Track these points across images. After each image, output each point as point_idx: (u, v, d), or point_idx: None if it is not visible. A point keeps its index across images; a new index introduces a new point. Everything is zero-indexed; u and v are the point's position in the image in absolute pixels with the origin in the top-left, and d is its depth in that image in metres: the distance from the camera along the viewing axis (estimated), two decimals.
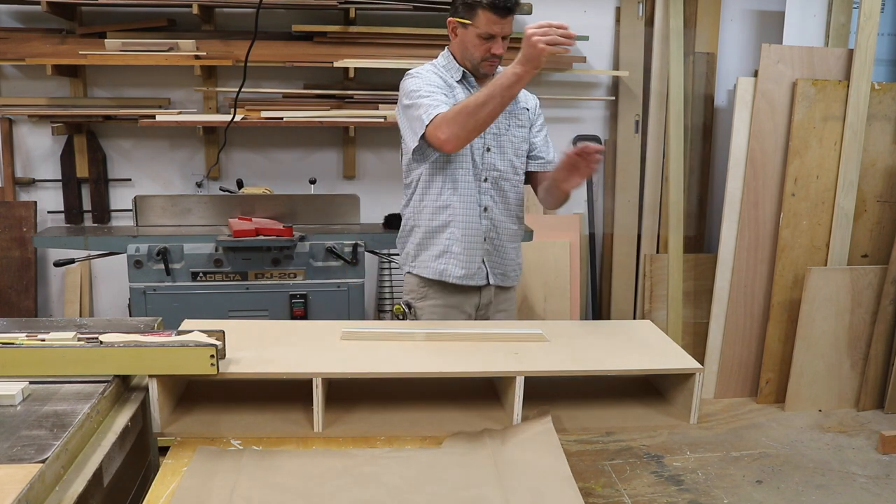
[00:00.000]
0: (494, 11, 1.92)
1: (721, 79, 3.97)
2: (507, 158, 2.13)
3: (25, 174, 3.64)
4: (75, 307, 3.66)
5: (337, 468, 1.32)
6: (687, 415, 1.61)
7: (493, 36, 1.96)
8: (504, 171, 2.13)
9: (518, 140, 2.15)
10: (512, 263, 2.24)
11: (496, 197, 2.14)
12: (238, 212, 3.14)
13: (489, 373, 1.56)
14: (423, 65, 2.10)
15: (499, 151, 2.12)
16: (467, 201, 2.10)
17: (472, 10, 1.94)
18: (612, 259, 4.01)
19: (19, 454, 1.11)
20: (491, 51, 1.99)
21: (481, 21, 1.94)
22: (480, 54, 2.00)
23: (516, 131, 2.14)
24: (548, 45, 1.69)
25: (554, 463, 1.33)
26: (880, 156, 3.65)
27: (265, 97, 3.58)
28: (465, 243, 2.12)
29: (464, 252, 2.12)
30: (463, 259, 2.12)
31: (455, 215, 2.10)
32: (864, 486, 2.91)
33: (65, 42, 3.41)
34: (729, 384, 3.77)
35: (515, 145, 2.14)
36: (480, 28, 1.94)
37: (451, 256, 2.13)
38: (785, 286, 3.62)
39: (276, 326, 1.77)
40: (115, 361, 1.36)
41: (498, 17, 1.93)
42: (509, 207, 2.18)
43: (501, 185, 2.14)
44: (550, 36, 1.69)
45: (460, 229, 2.11)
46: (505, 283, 2.23)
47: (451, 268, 2.13)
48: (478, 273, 2.15)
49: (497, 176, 2.13)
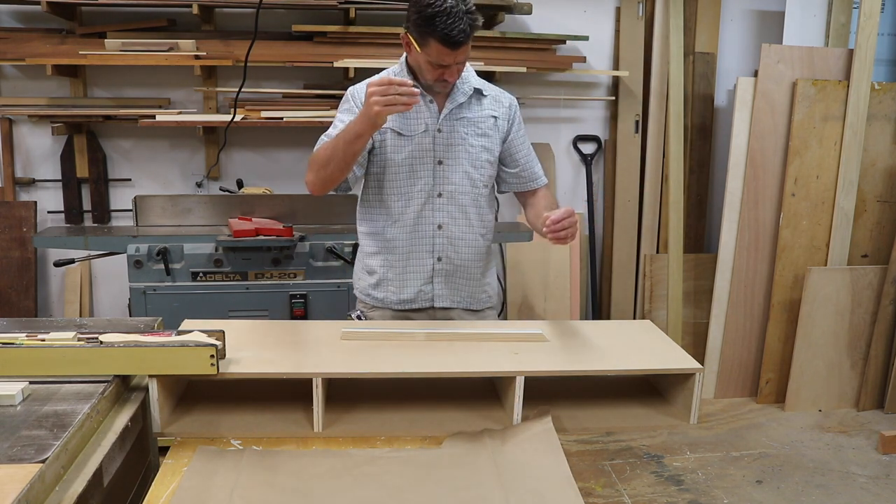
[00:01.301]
0: (445, 45, 1.76)
1: (721, 79, 3.97)
2: (463, 170, 1.96)
3: (25, 174, 3.64)
4: (75, 307, 3.66)
5: (337, 468, 1.32)
6: (687, 415, 1.61)
7: (446, 65, 1.83)
8: (459, 184, 1.97)
9: (477, 150, 1.97)
10: (478, 284, 2.08)
11: (454, 213, 1.98)
12: (238, 212, 3.14)
13: (489, 373, 1.56)
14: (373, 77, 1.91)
15: (452, 163, 1.96)
16: (416, 219, 1.97)
17: (424, 37, 1.78)
18: (612, 259, 4.01)
19: (19, 454, 1.11)
20: (444, 76, 1.85)
21: (432, 51, 1.79)
22: (433, 77, 1.86)
23: (475, 140, 1.97)
24: (385, 105, 1.65)
25: (554, 463, 1.33)
26: (880, 156, 3.65)
27: (265, 97, 3.58)
28: (404, 267, 2.00)
29: (398, 278, 2.01)
30: (397, 284, 2.01)
31: (395, 238, 1.98)
32: (864, 486, 2.91)
33: (65, 42, 3.41)
34: (729, 384, 3.77)
35: (473, 156, 1.97)
36: (431, 57, 1.80)
37: (389, 283, 2.02)
38: (785, 286, 3.63)
39: (276, 326, 1.77)
40: (115, 361, 1.36)
41: (449, 50, 1.77)
42: (471, 223, 2.01)
43: (459, 200, 1.98)
44: (388, 96, 1.64)
45: (401, 253, 1.99)
46: (473, 307, 2.08)
47: (389, 295, 2.03)
48: (418, 297, 2.02)
49: (452, 190, 1.97)
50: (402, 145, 1.94)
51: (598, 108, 3.98)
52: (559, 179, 4.00)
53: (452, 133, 1.95)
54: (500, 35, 3.60)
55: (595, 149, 4.01)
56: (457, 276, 2.04)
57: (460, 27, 1.74)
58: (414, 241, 1.99)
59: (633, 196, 3.97)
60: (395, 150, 1.94)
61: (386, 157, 1.95)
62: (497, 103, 2.02)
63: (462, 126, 1.96)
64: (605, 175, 4.04)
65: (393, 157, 1.94)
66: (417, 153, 1.94)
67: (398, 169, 1.95)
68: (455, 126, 1.95)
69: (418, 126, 1.93)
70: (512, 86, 3.66)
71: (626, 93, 3.90)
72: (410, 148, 1.94)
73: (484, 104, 1.99)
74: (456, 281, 2.04)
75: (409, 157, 1.94)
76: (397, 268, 2.00)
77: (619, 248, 4.00)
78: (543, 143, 3.90)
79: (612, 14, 3.87)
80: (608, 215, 4.05)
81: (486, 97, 2.00)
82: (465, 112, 1.97)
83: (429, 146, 1.94)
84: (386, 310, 2.05)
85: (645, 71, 3.89)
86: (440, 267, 2.01)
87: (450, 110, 1.95)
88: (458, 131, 1.95)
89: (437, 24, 1.73)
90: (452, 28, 1.73)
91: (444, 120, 1.94)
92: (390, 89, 1.65)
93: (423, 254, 2.00)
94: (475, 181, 1.99)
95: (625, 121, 3.92)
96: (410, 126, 1.93)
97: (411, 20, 1.81)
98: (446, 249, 2.01)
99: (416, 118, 1.93)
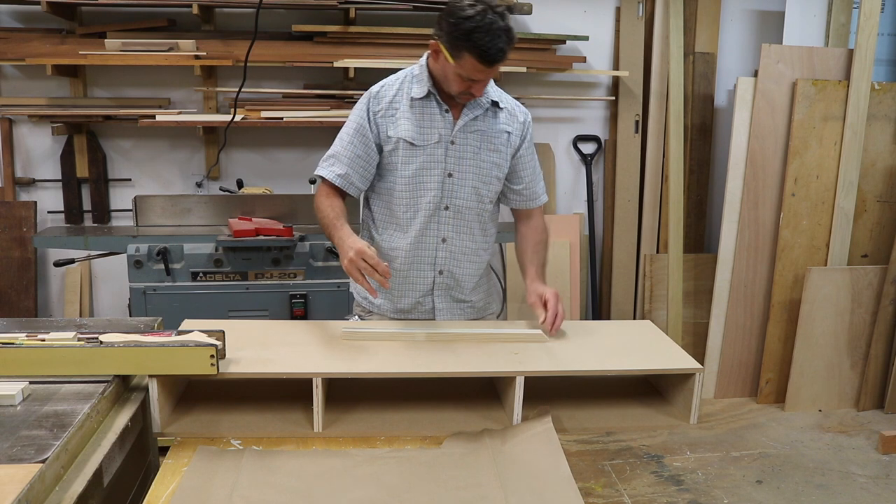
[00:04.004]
0: (481, 60, 1.71)
1: (721, 79, 3.97)
2: (472, 185, 1.92)
3: (25, 174, 3.64)
4: (75, 307, 3.66)
5: (337, 468, 1.32)
6: (687, 415, 1.61)
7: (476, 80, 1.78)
8: (467, 198, 1.93)
9: (487, 165, 1.92)
10: (481, 294, 2.08)
11: (459, 227, 1.95)
12: (238, 212, 3.14)
13: (489, 373, 1.56)
14: (392, 76, 1.93)
15: (461, 177, 1.91)
16: (421, 231, 1.93)
17: (458, 49, 1.72)
18: (612, 259, 4.01)
19: (19, 454, 1.11)
20: (470, 90, 1.79)
21: (465, 65, 1.72)
22: (458, 89, 1.80)
23: (487, 156, 1.92)
24: (354, 275, 1.68)
25: (554, 463, 1.33)
26: (880, 156, 3.65)
27: (265, 97, 3.58)
28: (405, 277, 1.97)
29: (396, 287, 1.97)
30: (395, 294, 1.99)
31: (398, 247, 1.95)
32: (864, 486, 2.91)
33: (65, 42, 3.41)
34: (729, 384, 3.76)
35: (483, 171, 1.92)
36: (463, 71, 1.74)
37: (386, 291, 1.97)
38: (785, 286, 3.62)
39: (276, 326, 1.77)
40: (115, 361, 1.36)
41: (484, 67, 1.72)
42: (474, 238, 1.99)
43: (465, 215, 1.94)
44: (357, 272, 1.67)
45: (402, 263, 1.95)
46: (473, 318, 2.07)
47: (386, 303, 2.01)
48: (415, 308, 2.00)
49: (460, 204, 1.93)
50: (414, 155, 1.88)
51: (598, 108, 3.98)
52: (559, 179, 4.00)
53: (465, 146, 1.90)
54: None
55: (595, 149, 4.01)
56: (456, 291, 2.02)
57: (499, 45, 1.70)
58: (417, 252, 1.95)
59: (633, 196, 3.96)
60: (406, 161, 1.88)
61: (396, 166, 1.89)
62: (512, 117, 1.97)
63: (475, 139, 1.91)
64: (605, 175, 4.04)
65: (403, 168, 1.89)
66: (428, 164, 1.89)
67: (408, 180, 1.89)
68: (469, 139, 1.90)
69: (431, 136, 1.88)
70: (512, 86, 3.67)
71: (626, 93, 3.90)
72: (422, 159, 1.88)
73: (499, 118, 1.94)
74: (455, 295, 2.02)
75: (419, 168, 1.89)
76: (397, 277, 1.96)
77: (619, 248, 4.00)
78: (543, 143, 3.90)
79: (612, 14, 3.87)
80: (608, 215, 4.05)
81: (501, 110, 1.94)
82: (480, 125, 1.91)
83: (440, 158, 1.89)
84: (383, 316, 2.03)
85: (645, 71, 3.89)
86: (441, 280, 1.98)
87: (465, 122, 1.89)
88: (471, 144, 1.90)
89: (475, 39, 1.68)
90: (491, 45, 1.69)
91: (458, 132, 1.89)
92: (367, 269, 1.66)
93: (425, 266, 1.97)
94: (482, 196, 1.95)
95: (625, 121, 3.92)
96: (424, 136, 1.87)
97: (445, 30, 1.74)
98: (448, 263, 1.97)
99: (430, 128, 1.88)
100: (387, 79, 1.94)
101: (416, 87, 1.88)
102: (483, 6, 1.70)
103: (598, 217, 4.08)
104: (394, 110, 1.88)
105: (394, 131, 1.87)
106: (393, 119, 1.88)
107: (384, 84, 1.92)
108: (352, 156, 1.88)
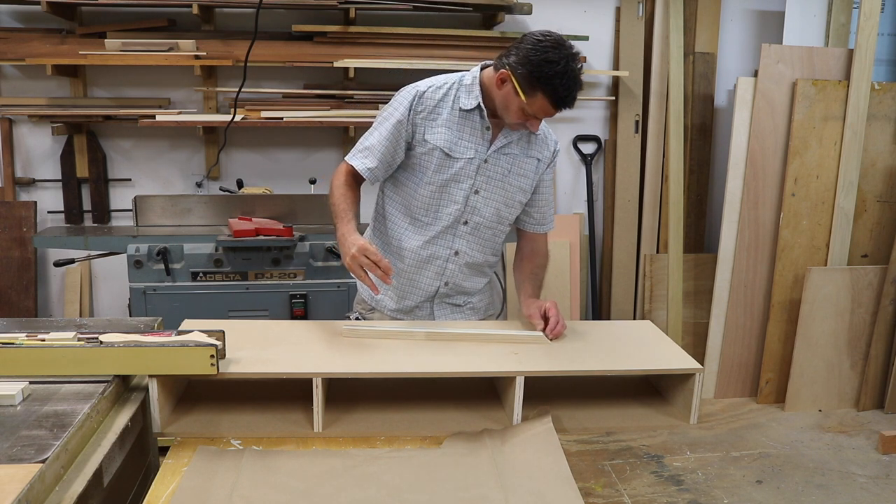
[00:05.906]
0: (554, 105, 1.73)
1: (721, 79, 3.97)
2: (495, 206, 1.93)
3: (25, 174, 3.64)
4: (75, 307, 3.66)
5: (337, 468, 1.32)
6: (687, 415, 1.61)
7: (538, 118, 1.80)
8: (488, 218, 1.94)
9: (513, 190, 1.93)
10: (481, 295, 2.10)
11: (473, 243, 1.96)
12: (238, 212, 3.14)
13: (489, 373, 1.56)
14: (439, 78, 1.90)
15: (487, 196, 1.91)
16: (435, 239, 1.93)
17: (533, 88, 1.71)
18: (612, 259, 4.01)
19: (19, 454, 1.11)
20: (527, 125, 1.81)
21: (536, 104, 1.73)
22: (516, 120, 1.80)
23: (515, 179, 1.92)
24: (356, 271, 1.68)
25: (554, 463, 1.33)
26: (880, 156, 3.64)
27: (265, 97, 3.58)
28: (410, 280, 1.98)
29: (400, 287, 1.99)
30: (398, 294, 2.00)
31: (410, 250, 1.94)
32: (864, 486, 2.90)
33: (65, 42, 3.41)
34: (729, 384, 3.76)
35: (509, 194, 1.93)
36: (530, 109, 1.75)
37: (389, 290, 1.99)
38: (785, 286, 3.62)
39: (276, 326, 1.77)
40: (115, 361, 1.36)
41: (554, 110, 1.75)
42: (485, 255, 2.01)
43: (482, 233, 1.96)
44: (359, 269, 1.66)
45: (410, 266, 1.96)
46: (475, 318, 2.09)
47: (387, 301, 2.02)
48: (415, 311, 2.01)
49: (479, 222, 1.94)
50: (448, 166, 1.87)
51: (598, 108, 3.98)
52: (559, 179, 4.00)
53: (497, 167, 1.90)
54: (500, 35, 3.60)
55: (595, 149, 4.01)
56: (458, 299, 2.04)
57: (574, 94, 1.74)
58: (427, 259, 1.95)
59: (633, 196, 3.97)
60: (438, 169, 1.87)
61: (427, 171, 1.88)
62: (543, 145, 1.97)
63: (507, 162, 1.90)
64: (605, 175, 4.04)
65: (434, 174, 1.88)
66: (458, 177, 1.88)
67: (435, 187, 1.89)
68: (501, 160, 1.90)
69: (468, 150, 1.87)
70: None
71: (626, 93, 3.90)
72: (454, 170, 1.87)
73: (532, 143, 1.94)
74: (456, 301, 2.04)
75: (449, 179, 1.88)
76: (402, 279, 1.97)
77: (619, 248, 4.00)
78: None
79: (612, 14, 3.87)
80: (608, 215, 4.05)
81: (536, 136, 1.94)
82: (514, 149, 1.91)
83: (471, 173, 1.88)
84: (384, 316, 2.04)
85: (645, 71, 3.89)
86: (445, 291, 2.00)
87: (502, 144, 1.89)
88: (502, 166, 1.90)
89: (555, 84, 1.70)
90: (568, 94, 1.72)
91: (493, 152, 1.89)
92: (369, 266, 1.65)
93: (432, 275, 1.97)
94: (503, 218, 1.97)
95: (625, 121, 3.92)
96: (461, 149, 1.87)
97: (522, 66, 1.72)
98: (455, 276, 1.98)
99: (468, 141, 1.87)
100: (433, 79, 1.90)
101: (464, 97, 1.87)
102: (566, 52, 1.71)
103: (598, 217, 4.08)
104: (436, 115, 1.87)
105: (431, 136, 1.86)
106: (433, 124, 1.86)
107: (431, 85, 1.89)
108: (385, 151, 1.87)
